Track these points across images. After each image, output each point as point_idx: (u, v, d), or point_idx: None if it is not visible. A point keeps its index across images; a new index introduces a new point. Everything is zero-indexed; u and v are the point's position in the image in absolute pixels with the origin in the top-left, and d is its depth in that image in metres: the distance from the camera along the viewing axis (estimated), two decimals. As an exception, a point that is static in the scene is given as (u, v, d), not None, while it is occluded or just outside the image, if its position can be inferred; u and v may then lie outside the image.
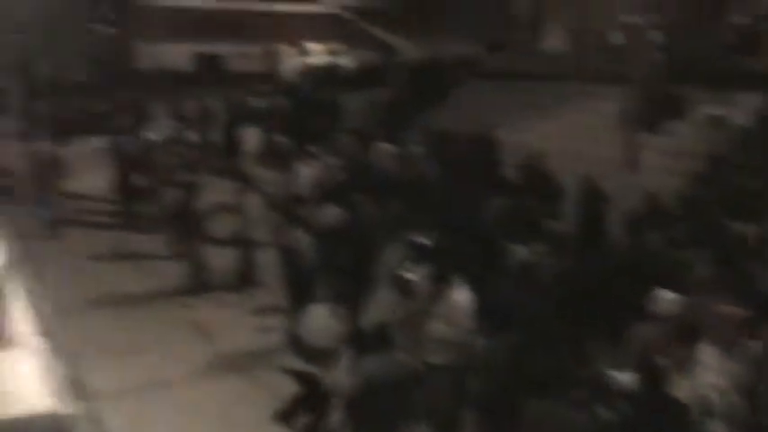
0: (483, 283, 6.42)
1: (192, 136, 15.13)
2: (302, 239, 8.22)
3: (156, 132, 14.27)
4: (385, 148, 11.97)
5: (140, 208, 12.67)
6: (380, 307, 6.73)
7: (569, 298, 6.63)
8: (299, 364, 6.04)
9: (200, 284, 9.96)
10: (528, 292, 6.45)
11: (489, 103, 15.51)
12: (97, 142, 15.83)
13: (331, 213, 8.78)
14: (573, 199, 9.95)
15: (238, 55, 23.09)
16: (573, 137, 13.02)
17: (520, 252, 7.47)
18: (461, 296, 6.24)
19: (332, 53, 23.69)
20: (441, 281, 6.33)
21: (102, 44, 26.12)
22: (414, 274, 6.52)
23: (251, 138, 14.31)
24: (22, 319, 5.02)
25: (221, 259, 10.17)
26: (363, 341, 5.69)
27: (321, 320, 6.12)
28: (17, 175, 12.37)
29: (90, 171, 14.06)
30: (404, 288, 6.47)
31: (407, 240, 7.35)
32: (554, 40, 18.45)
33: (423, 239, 7.26)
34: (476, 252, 7.35)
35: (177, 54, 23.07)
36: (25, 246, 7.92)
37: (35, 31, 17.87)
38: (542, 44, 18.73)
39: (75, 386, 5.20)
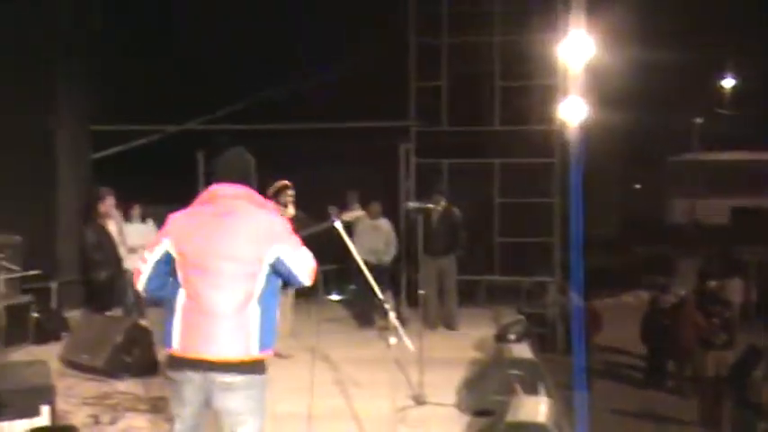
0: None
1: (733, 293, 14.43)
2: None
3: (685, 288, 13.96)
4: None
5: (670, 366, 12.36)
6: None
7: None
8: None
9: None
10: None
11: None
12: (628, 296, 16.18)
13: None
14: None
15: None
16: None
17: None
18: None
19: None
20: None
21: (633, 200, 27.07)
22: None
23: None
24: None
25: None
26: None
27: None
28: (552, 325, 13.18)
29: (620, 324, 14.30)
30: None
31: None
32: None
33: None
34: None
35: (712, 208, 22.63)
36: (563, 396, 8.29)
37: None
38: None
39: None
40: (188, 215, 3.80)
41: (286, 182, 8.28)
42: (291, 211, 8.15)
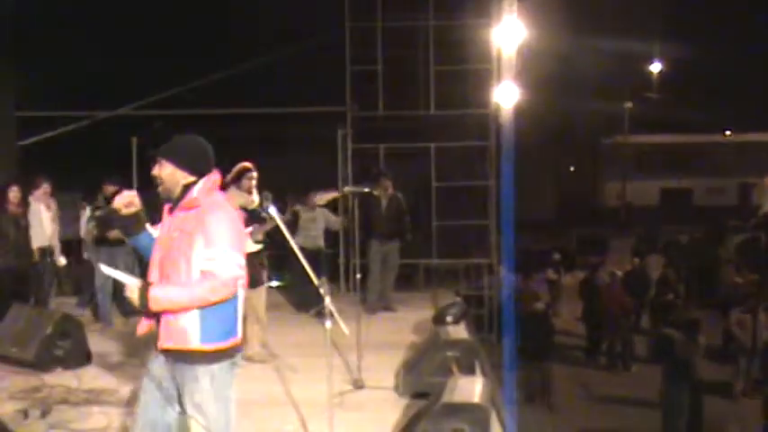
0: None
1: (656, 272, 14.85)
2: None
3: (618, 267, 14.35)
4: None
5: (608, 345, 12.67)
6: None
7: None
8: None
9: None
10: None
11: None
12: (565, 277, 16.47)
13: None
14: None
15: (709, 189, 22.34)
16: None
17: None
18: None
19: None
20: None
21: (567, 182, 27.54)
22: None
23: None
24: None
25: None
26: None
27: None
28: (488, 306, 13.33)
29: (559, 304, 14.56)
30: None
31: None
32: None
33: None
34: None
35: (643, 190, 23.18)
36: (499, 376, 8.42)
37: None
38: None
39: None
40: None
41: (247, 164, 7.04)
42: (255, 197, 6.97)
